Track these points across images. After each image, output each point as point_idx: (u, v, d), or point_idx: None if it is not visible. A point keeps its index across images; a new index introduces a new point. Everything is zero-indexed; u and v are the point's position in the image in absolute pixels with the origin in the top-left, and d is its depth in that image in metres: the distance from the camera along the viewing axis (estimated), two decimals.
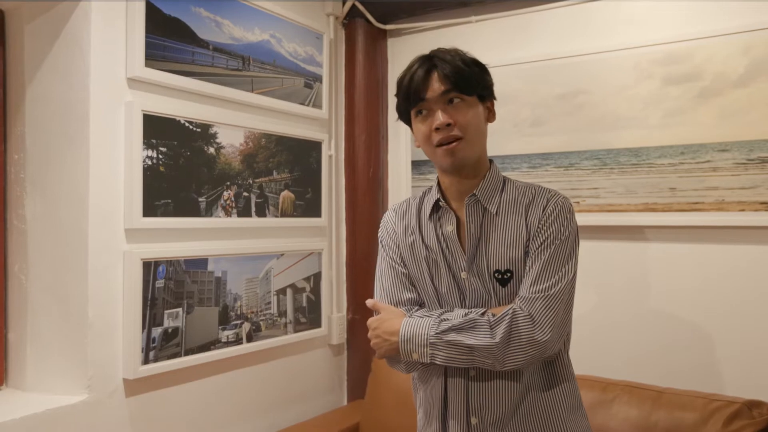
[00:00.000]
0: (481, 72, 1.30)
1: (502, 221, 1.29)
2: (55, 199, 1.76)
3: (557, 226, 1.25)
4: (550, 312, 1.20)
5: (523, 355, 1.19)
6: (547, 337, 1.19)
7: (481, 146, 1.31)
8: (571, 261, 1.25)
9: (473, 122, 1.27)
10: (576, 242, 1.29)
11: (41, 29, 1.79)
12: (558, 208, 1.27)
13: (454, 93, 1.25)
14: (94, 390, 1.71)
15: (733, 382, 1.92)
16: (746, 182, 1.90)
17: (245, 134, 2.14)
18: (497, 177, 1.34)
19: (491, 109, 1.34)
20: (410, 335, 1.24)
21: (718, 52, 1.94)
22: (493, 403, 1.27)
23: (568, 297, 1.24)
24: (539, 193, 1.31)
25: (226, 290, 2.07)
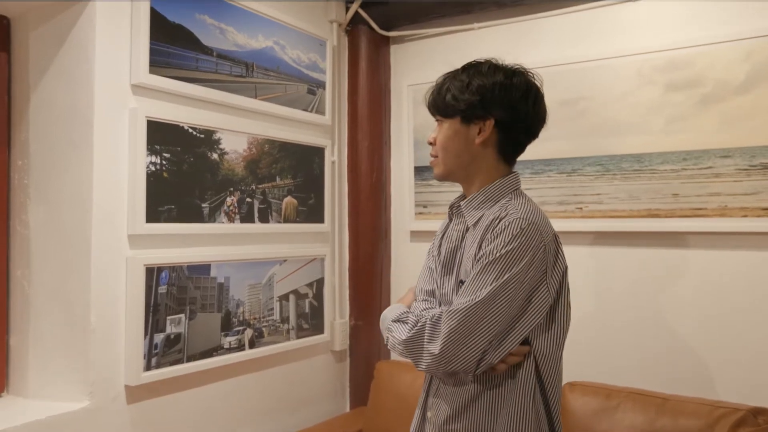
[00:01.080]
0: (464, 93, 1.31)
1: (475, 234, 1.30)
2: (58, 204, 1.76)
3: (495, 244, 1.21)
4: (447, 327, 1.19)
5: (422, 361, 1.23)
6: (437, 350, 1.19)
7: (455, 164, 1.35)
8: (494, 283, 1.19)
9: (443, 142, 1.36)
10: (512, 264, 1.20)
11: (46, 36, 1.80)
12: (502, 227, 1.23)
13: (436, 115, 1.38)
14: (95, 397, 1.70)
15: (738, 388, 1.91)
16: (749, 188, 1.90)
17: (248, 140, 2.15)
18: (496, 191, 1.33)
19: (483, 128, 1.32)
20: (384, 316, 1.37)
21: (720, 58, 1.95)
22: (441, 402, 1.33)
23: (478, 319, 1.18)
24: (500, 210, 1.28)
25: (228, 296, 2.07)
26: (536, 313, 1.23)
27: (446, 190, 2.49)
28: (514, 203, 1.29)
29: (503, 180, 1.34)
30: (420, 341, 1.23)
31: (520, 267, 1.20)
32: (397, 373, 2.39)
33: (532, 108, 1.33)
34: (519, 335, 1.22)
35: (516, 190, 1.34)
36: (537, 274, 1.23)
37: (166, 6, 1.86)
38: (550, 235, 1.27)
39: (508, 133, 1.33)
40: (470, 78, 1.32)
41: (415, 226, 2.59)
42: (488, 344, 1.20)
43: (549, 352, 1.28)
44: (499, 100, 1.30)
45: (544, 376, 1.29)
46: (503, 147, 1.35)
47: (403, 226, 2.64)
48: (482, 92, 1.31)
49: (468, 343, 1.19)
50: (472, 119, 1.32)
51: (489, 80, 1.31)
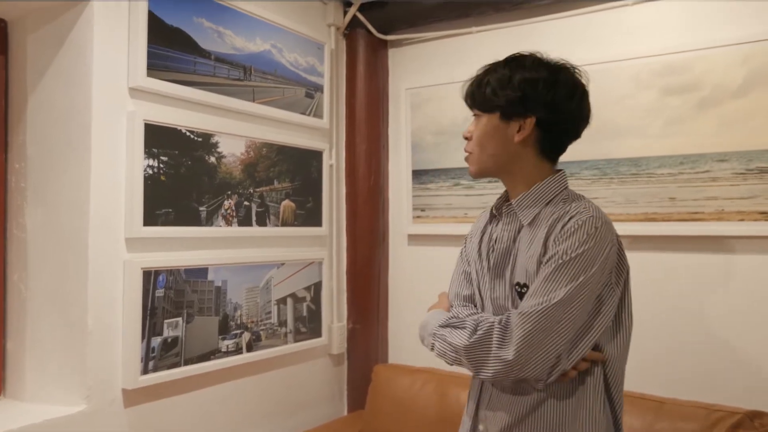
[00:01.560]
0: (505, 89, 1.25)
1: (533, 234, 1.24)
2: (55, 208, 1.76)
3: (569, 243, 1.16)
4: (522, 330, 1.12)
5: (489, 368, 1.15)
6: (511, 356, 1.12)
7: (491, 162, 1.29)
8: (571, 284, 1.13)
9: (479, 138, 1.29)
10: (589, 265, 1.15)
11: (44, 39, 1.80)
12: (577, 226, 1.17)
13: (475, 108, 1.32)
14: (92, 400, 1.70)
15: (735, 392, 1.91)
16: (745, 192, 1.90)
17: (246, 144, 2.15)
18: (549, 188, 1.27)
19: (520, 127, 1.26)
20: (425, 322, 1.31)
21: (717, 62, 1.95)
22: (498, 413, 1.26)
23: (554, 322, 1.12)
24: (574, 207, 1.22)
25: (226, 300, 2.06)
26: (607, 316, 1.19)
27: (444, 194, 2.49)
28: (578, 202, 1.24)
29: (552, 178, 1.28)
30: (486, 347, 1.15)
31: (596, 268, 1.15)
32: (395, 376, 2.39)
33: (577, 107, 1.27)
34: (591, 339, 1.17)
35: (566, 188, 1.29)
36: (607, 275, 1.19)
37: (164, 9, 1.86)
38: (615, 234, 1.23)
39: (550, 132, 1.26)
40: (512, 72, 1.25)
41: (413, 229, 2.59)
42: (563, 349, 1.14)
43: (615, 357, 1.23)
44: (542, 98, 1.23)
45: (612, 382, 1.24)
46: (544, 146, 1.28)
47: (401, 230, 2.64)
48: (524, 88, 1.24)
49: (544, 347, 1.12)
50: (512, 116, 1.25)
51: (532, 75, 1.24)
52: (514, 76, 1.25)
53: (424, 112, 2.55)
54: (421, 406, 2.25)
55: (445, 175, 2.50)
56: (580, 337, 1.16)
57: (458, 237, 2.45)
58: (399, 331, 2.65)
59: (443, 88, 2.50)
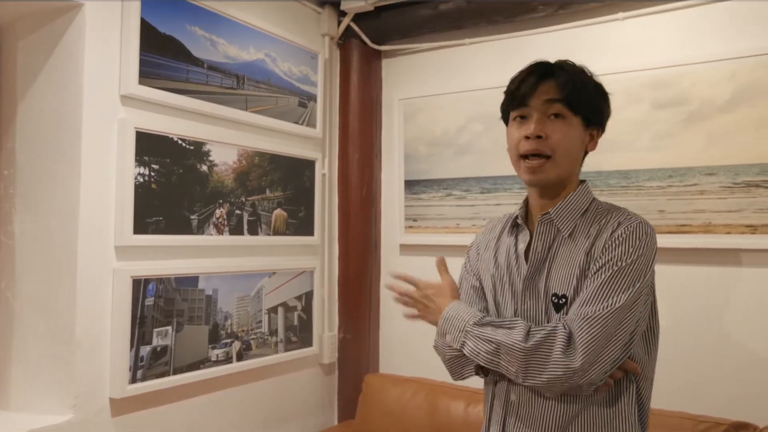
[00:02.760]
0: (596, 95, 1.24)
1: (574, 244, 1.21)
2: (45, 215, 1.75)
3: (622, 249, 1.14)
4: (587, 336, 1.09)
5: (547, 374, 1.10)
6: (577, 364, 1.08)
7: (568, 169, 1.24)
8: (630, 290, 1.12)
9: (565, 142, 1.20)
10: (643, 271, 1.15)
11: (35, 45, 1.79)
12: (629, 232, 1.16)
13: (559, 106, 1.20)
14: (80, 409, 1.69)
15: (721, 403, 1.92)
16: (732, 205, 1.92)
17: (239, 152, 2.15)
18: (582, 198, 1.25)
19: (594, 137, 1.26)
20: (451, 316, 1.24)
21: (705, 77, 1.98)
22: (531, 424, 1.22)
23: (615, 328, 1.10)
24: (616, 215, 1.21)
25: (216, 308, 2.06)
26: (644, 324, 1.19)
27: (436, 204, 2.50)
28: (621, 210, 1.23)
29: (584, 187, 1.27)
30: (547, 351, 1.11)
31: (648, 275, 1.16)
32: (386, 386, 2.39)
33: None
34: (632, 346, 1.15)
35: (595, 199, 1.27)
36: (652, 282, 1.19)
37: (157, 17, 1.86)
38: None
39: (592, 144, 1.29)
40: (595, 82, 1.25)
41: (405, 239, 2.59)
42: (620, 354, 1.12)
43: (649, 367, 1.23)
44: (609, 113, 1.28)
45: (644, 395, 1.23)
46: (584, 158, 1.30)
47: (393, 240, 2.64)
48: (606, 100, 1.26)
49: (605, 352, 1.10)
50: (592, 124, 1.24)
51: (604, 90, 1.26)
52: (599, 87, 1.25)
53: (417, 122, 2.56)
54: (412, 416, 2.24)
55: (437, 186, 2.51)
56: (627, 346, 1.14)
57: (450, 247, 2.46)
58: (390, 340, 2.65)
59: (436, 99, 2.51)
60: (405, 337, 2.55)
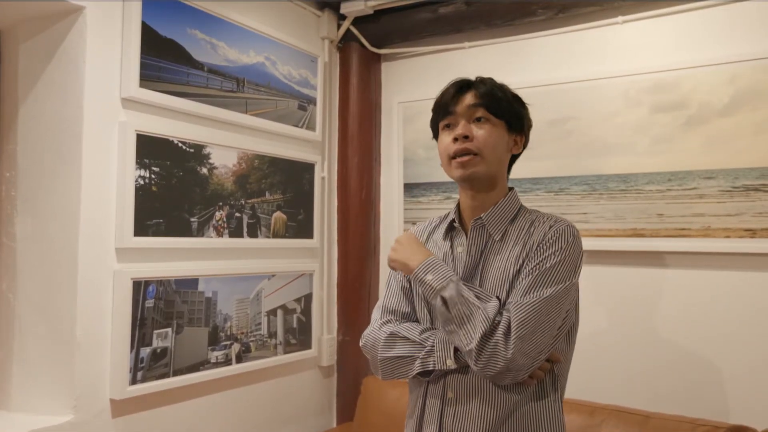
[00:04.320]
0: (515, 102, 1.34)
1: (505, 249, 1.28)
2: (46, 217, 1.76)
3: (552, 250, 1.23)
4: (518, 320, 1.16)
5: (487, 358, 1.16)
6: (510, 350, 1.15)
7: (495, 168, 1.31)
8: (559, 285, 1.21)
9: (490, 140, 1.28)
10: (570, 271, 1.24)
11: (37, 48, 1.80)
12: (557, 234, 1.25)
13: (482, 110, 1.29)
14: (80, 410, 1.69)
15: (719, 406, 1.92)
16: (731, 209, 1.92)
17: (238, 155, 2.16)
18: (512, 205, 1.33)
19: (518, 142, 1.35)
20: (437, 263, 1.28)
21: (705, 81, 1.98)
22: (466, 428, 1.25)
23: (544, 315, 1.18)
24: (545, 220, 1.30)
25: (216, 310, 2.06)
26: (570, 320, 1.27)
27: (435, 207, 2.50)
28: (547, 215, 1.32)
29: (512, 195, 1.35)
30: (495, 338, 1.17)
31: (574, 274, 1.25)
32: (384, 389, 2.39)
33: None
34: (558, 340, 1.23)
35: (522, 205, 1.36)
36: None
37: (158, 20, 1.87)
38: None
39: (519, 154, 1.38)
40: (513, 93, 1.35)
41: None
42: (546, 346, 1.19)
43: (569, 357, 1.32)
44: (528, 122, 1.37)
45: (562, 384, 1.32)
46: (510, 165, 1.39)
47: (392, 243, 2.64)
48: (524, 108, 1.36)
49: (534, 338, 1.17)
50: (514, 130, 1.33)
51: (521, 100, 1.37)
52: (515, 96, 1.35)
53: (416, 125, 2.57)
54: None
55: (436, 189, 2.51)
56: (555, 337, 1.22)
57: None
58: None
59: None
60: None
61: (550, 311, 1.19)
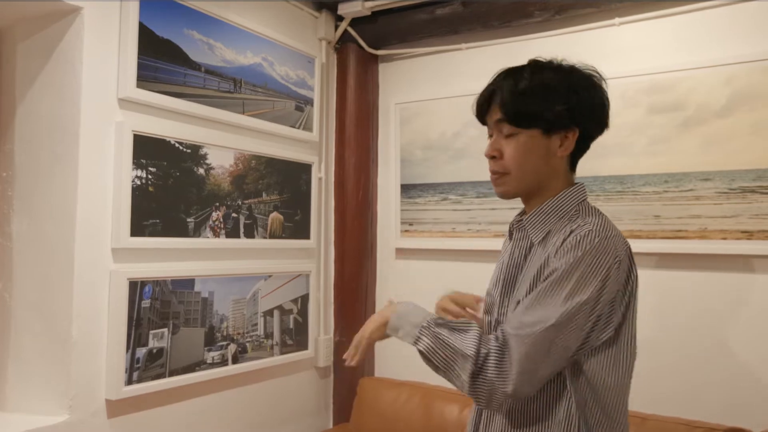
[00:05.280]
0: (549, 100, 1.16)
1: (541, 250, 1.17)
2: (42, 217, 1.76)
3: (565, 260, 1.09)
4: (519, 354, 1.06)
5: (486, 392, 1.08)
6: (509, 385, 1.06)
7: (530, 181, 1.19)
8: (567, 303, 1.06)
9: (518, 159, 1.17)
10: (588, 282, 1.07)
11: (34, 48, 1.80)
12: (574, 242, 1.10)
13: (506, 126, 1.17)
14: (75, 410, 1.69)
15: (716, 408, 1.93)
16: (728, 211, 1.93)
17: (235, 156, 2.16)
18: (561, 205, 1.19)
19: (563, 141, 1.18)
20: (406, 313, 1.18)
21: (701, 83, 1.99)
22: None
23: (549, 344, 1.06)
24: (574, 221, 1.16)
25: (212, 311, 2.06)
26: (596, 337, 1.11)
27: (432, 208, 2.51)
28: (583, 216, 1.16)
29: (568, 191, 1.21)
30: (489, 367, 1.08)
31: (594, 288, 1.07)
32: (381, 389, 2.39)
33: (608, 111, 1.21)
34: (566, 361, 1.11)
35: (583, 201, 1.21)
36: (609, 295, 1.09)
37: (155, 21, 1.87)
38: (625, 248, 1.14)
39: (586, 141, 1.21)
40: (556, 81, 1.17)
41: (401, 243, 2.60)
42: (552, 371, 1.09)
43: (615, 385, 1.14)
44: (586, 107, 1.17)
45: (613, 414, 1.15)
46: (575, 156, 1.23)
47: (389, 244, 2.65)
48: (567, 98, 1.15)
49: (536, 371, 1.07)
50: (554, 130, 1.17)
51: (570, 83, 1.17)
52: (557, 86, 1.16)
53: (413, 126, 2.57)
54: (407, 420, 2.25)
55: (433, 190, 2.51)
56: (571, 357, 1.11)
57: (446, 251, 2.47)
58: (385, 344, 2.63)
59: (433, 103, 2.52)
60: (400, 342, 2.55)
61: (556, 336, 1.06)
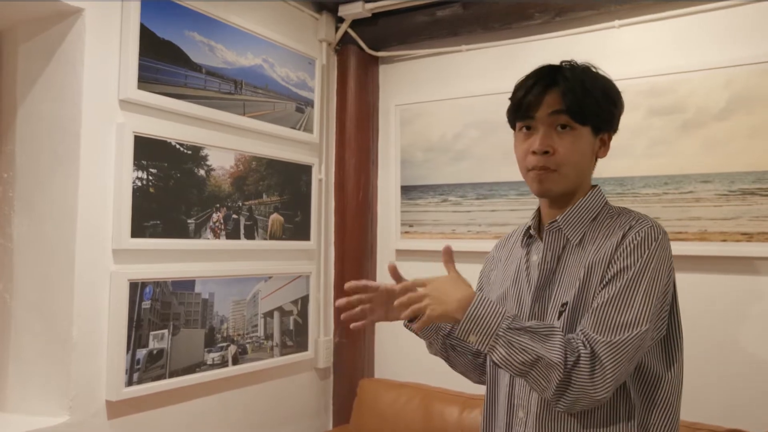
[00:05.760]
0: (605, 100, 1.17)
1: (583, 252, 1.15)
2: (43, 218, 1.76)
3: (635, 257, 1.08)
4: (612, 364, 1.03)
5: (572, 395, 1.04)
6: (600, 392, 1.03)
7: (576, 180, 1.18)
8: (647, 302, 1.06)
9: (573, 156, 1.15)
10: (656, 279, 1.08)
11: (35, 49, 1.80)
12: (641, 237, 1.09)
13: (564, 117, 1.14)
14: (76, 411, 1.69)
15: (716, 410, 1.93)
16: (728, 213, 1.93)
17: (236, 157, 2.16)
18: (592, 204, 1.19)
19: (606, 142, 1.20)
20: (479, 315, 1.07)
21: (701, 85, 1.99)
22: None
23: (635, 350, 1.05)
24: (625, 219, 1.15)
25: (212, 312, 2.06)
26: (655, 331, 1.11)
27: (432, 210, 2.51)
28: (629, 214, 1.17)
29: (595, 192, 1.21)
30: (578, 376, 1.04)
31: (662, 281, 1.09)
32: (381, 391, 2.39)
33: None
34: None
35: (607, 203, 1.22)
36: (671, 288, 1.12)
37: (156, 22, 1.88)
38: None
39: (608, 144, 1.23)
40: (604, 83, 1.17)
41: (401, 244, 2.60)
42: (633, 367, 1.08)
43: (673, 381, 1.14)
44: (620, 112, 1.21)
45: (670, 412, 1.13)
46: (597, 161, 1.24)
47: (389, 245, 2.65)
48: (614, 102, 1.17)
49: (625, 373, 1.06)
50: (602, 130, 1.18)
51: (611, 88, 1.18)
52: (609, 88, 1.17)
53: (413, 128, 2.58)
54: (406, 421, 2.25)
55: (433, 192, 2.52)
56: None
57: None
58: (385, 345, 2.65)
59: (433, 105, 2.53)
60: (400, 343, 2.56)
61: (642, 341, 1.06)
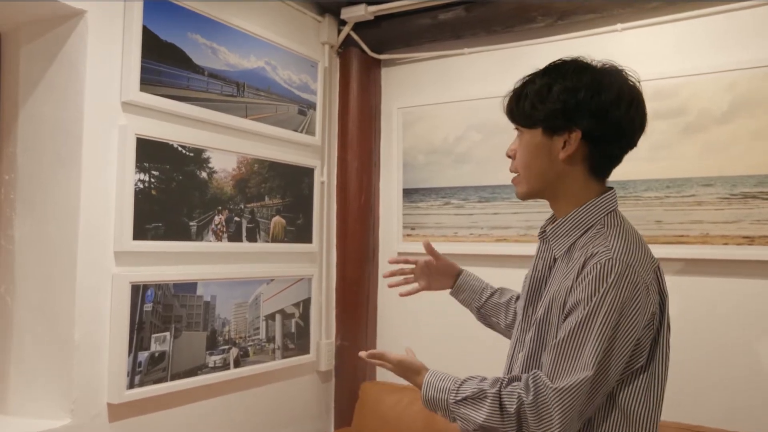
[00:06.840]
0: (536, 102, 1.15)
1: (566, 267, 1.13)
2: (45, 220, 1.76)
3: (587, 293, 1.04)
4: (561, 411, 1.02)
5: None
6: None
7: (539, 183, 1.18)
8: (597, 347, 1.01)
9: (522, 159, 1.19)
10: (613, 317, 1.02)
11: (38, 51, 1.80)
12: (596, 271, 1.04)
13: (515, 124, 1.21)
14: (77, 414, 1.69)
15: (717, 413, 1.92)
16: (729, 216, 1.93)
17: (238, 159, 2.16)
18: (586, 217, 1.15)
19: (565, 143, 1.14)
20: (432, 398, 1.17)
21: (703, 89, 1.99)
22: None
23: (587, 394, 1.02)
24: (595, 243, 1.09)
25: (214, 315, 2.06)
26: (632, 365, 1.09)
27: (434, 213, 2.51)
28: (606, 234, 1.09)
29: (595, 201, 1.15)
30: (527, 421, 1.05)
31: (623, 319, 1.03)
32: (382, 394, 2.39)
33: (626, 114, 1.12)
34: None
35: (611, 212, 1.15)
36: (644, 321, 1.06)
37: (159, 24, 1.88)
38: (650, 271, 1.09)
39: (598, 144, 1.13)
40: (551, 81, 1.14)
41: (403, 247, 2.59)
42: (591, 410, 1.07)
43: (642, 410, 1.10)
44: (587, 108, 1.11)
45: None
46: (594, 161, 1.15)
47: (391, 248, 2.65)
48: (565, 98, 1.12)
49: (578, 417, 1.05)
50: (555, 130, 1.14)
51: (573, 83, 1.13)
52: (553, 86, 1.13)
53: (415, 131, 2.58)
54: (408, 424, 2.24)
55: (435, 194, 2.52)
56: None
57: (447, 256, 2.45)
58: (387, 348, 2.63)
59: (435, 108, 2.53)
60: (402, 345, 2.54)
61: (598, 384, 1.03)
